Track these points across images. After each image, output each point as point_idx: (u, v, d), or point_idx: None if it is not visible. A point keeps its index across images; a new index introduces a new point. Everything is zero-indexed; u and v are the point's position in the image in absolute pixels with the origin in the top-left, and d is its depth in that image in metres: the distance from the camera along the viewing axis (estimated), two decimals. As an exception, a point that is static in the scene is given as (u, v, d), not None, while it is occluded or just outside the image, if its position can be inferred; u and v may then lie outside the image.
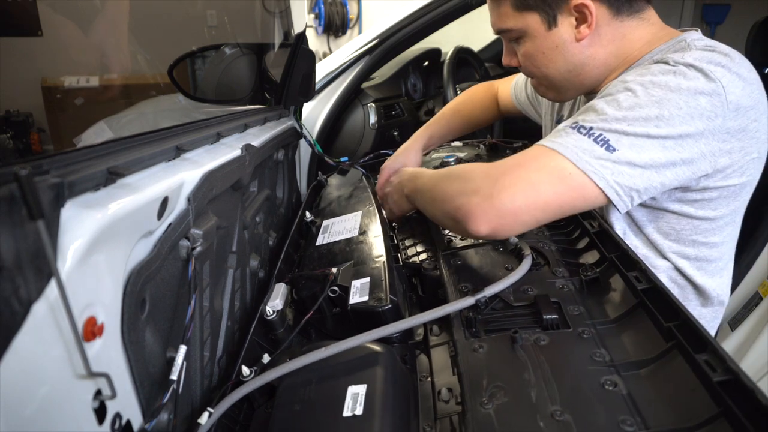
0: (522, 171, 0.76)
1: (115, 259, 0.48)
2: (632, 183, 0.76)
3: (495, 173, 0.78)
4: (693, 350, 0.53)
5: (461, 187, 0.80)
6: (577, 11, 0.87)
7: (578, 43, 0.89)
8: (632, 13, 0.89)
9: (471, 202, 0.76)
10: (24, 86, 1.47)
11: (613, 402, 0.53)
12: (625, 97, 0.77)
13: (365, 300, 0.80)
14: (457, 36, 2.31)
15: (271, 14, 1.35)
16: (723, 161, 0.80)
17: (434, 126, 1.40)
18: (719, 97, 0.75)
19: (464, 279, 0.80)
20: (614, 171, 0.75)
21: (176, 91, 1.29)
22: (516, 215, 0.75)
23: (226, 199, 0.81)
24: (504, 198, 0.75)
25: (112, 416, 0.46)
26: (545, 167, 0.76)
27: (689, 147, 0.76)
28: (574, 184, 0.75)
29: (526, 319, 0.69)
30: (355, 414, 0.58)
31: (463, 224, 0.78)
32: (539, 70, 0.96)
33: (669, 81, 0.76)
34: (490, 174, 0.78)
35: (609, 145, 0.75)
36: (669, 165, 0.76)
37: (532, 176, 0.76)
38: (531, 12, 0.89)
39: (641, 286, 0.65)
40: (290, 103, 1.38)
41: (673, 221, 0.90)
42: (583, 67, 0.92)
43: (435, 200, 0.87)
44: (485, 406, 0.55)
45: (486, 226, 0.76)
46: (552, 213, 0.77)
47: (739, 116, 0.78)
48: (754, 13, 2.04)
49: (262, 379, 0.66)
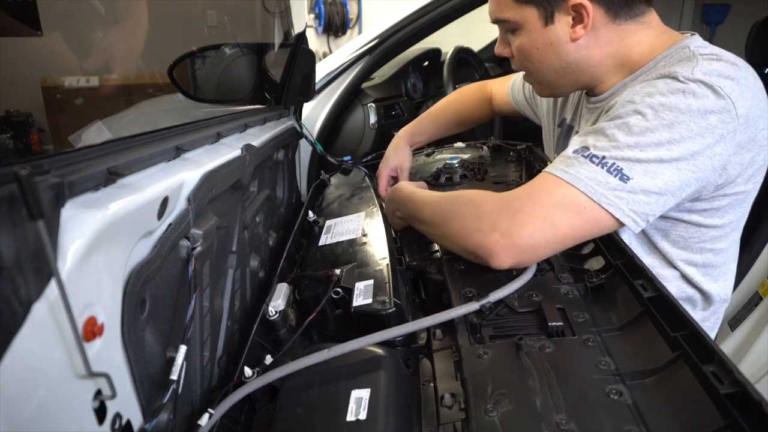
0: (537, 207, 0.76)
1: (115, 259, 0.48)
2: (648, 209, 0.76)
3: (510, 210, 0.77)
4: (700, 361, 0.52)
5: (476, 224, 0.79)
6: (574, 11, 0.86)
7: (573, 42, 0.89)
8: (631, 17, 0.88)
9: (491, 239, 0.76)
10: (24, 86, 1.47)
11: (618, 411, 0.52)
12: (635, 122, 0.77)
13: (369, 302, 0.79)
14: (457, 36, 2.32)
15: (271, 14, 1.35)
16: (734, 171, 0.81)
17: (418, 124, 1.41)
18: (729, 113, 0.76)
19: (468, 283, 0.80)
20: (629, 201, 0.75)
21: (176, 91, 1.29)
22: (535, 250, 0.76)
23: (226, 199, 0.81)
24: (523, 235, 0.75)
25: (112, 416, 0.46)
26: (560, 203, 0.76)
27: (702, 164, 0.76)
28: (589, 217, 0.75)
29: (530, 326, 0.68)
30: (358, 419, 0.58)
31: (484, 260, 0.78)
32: (532, 65, 0.96)
33: (679, 102, 0.76)
34: (505, 210, 0.78)
35: (623, 175, 0.74)
36: (683, 186, 0.76)
37: (548, 213, 0.75)
38: (530, 6, 0.89)
39: (647, 294, 0.65)
40: (290, 103, 1.38)
41: (682, 230, 0.91)
42: (577, 65, 0.92)
43: (450, 236, 0.85)
44: (490, 413, 0.55)
45: (508, 261, 0.77)
46: (569, 244, 0.78)
47: (749, 128, 0.78)
48: (754, 13, 2.05)
49: (263, 380, 0.66)
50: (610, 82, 0.94)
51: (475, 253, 0.79)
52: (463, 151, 1.42)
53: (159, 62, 1.40)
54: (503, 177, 1.20)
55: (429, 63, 2.34)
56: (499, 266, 0.77)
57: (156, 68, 1.46)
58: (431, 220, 0.90)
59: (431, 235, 0.93)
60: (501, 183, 1.16)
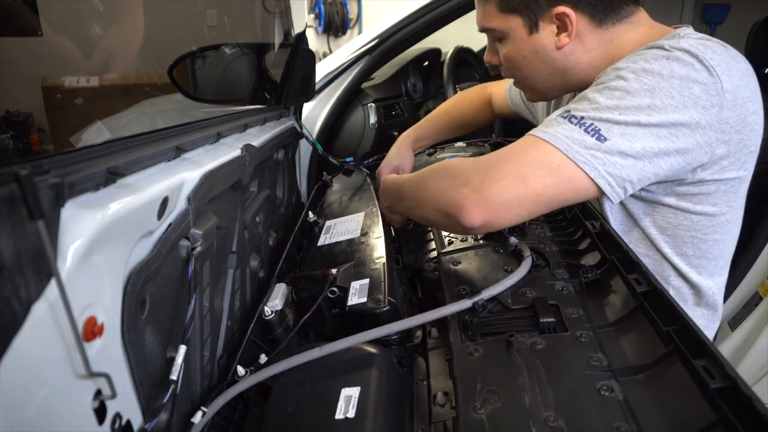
0: (511, 164, 0.76)
1: (115, 259, 0.48)
2: (624, 173, 0.75)
3: (484, 166, 0.78)
4: (691, 355, 0.52)
5: (450, 182, 0.79)
6: (558, 19, 0.86)
7: (559, 50, 0.89)
8: (619, 20, 0.87)
9: (461, 194, 0.76)
10: (24, 86, 1.47)
11: (608, 408, 0.52)
12: (616, 85, 0.76)
13: (363, 301, 0.79)
14: (457, 36, 2.31)
15: (271, 14, 1.35)
16: (720, 151, 0.79)
17: (421, 128, 1.42)
18: (714, 85, 0.74)
19: (463, 281, 0.80)
20: (605, 161, 0.74)
21: (176, 91, 1.29)
22: (507, 208, 0.75)
23: (226, 199, 0.81)
24: (494, 190, 0.74)
25: (112, 416, 0.46)
26: (534, 159, 0.75)
27: (683, 137, 0.75)
28: (563, 176, 0.75)
29: (523, 323, 0.68)
30: (347, 417, 0.58)
31: (456, 218, 0.77)
32: (520, 72, 0.96)
33: (662, 68, 0.75)
34: (479, 167, 0.78)
35: (600, 135, 0.74)
36: (662, 155, 0.75)
37: (521, 169, 0.75)
38: (514, 15, 0.89)
39: (641, 289, 0.65)
40: (290, 103, 1.38)
41: (670, 216, 0.89)
42: (565, 71, 0.92)
43: (425, 200, 0.85)
44: (478, 411, 0.55)
45: (479, 217, 0.75)
46: (544, 205, 0.77)
47: (737, 107, 0.77)
48: (754, 13, 2.05)
49: (254, 379, 0.66)
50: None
51: (447, 211, 0.78)
52: (464, 150, 1.42)
53: (159, 62, 1.40)
54: None
55: (429, 63, 2.34)
56: (470, 223, 0.75)
57: (156, 68, 1.46)
58: (409, 193, 0.91)
59: (410, 211, 0.93)
60: None
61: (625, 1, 0.86)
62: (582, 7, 0.85)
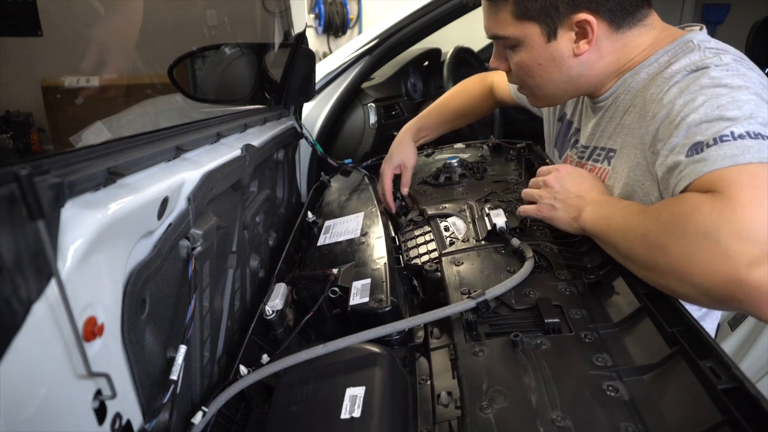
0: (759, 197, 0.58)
1: (116, 259, 0.48)
2: None
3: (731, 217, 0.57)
4: (697, 356, 0.52)
5: (704, 247, 0.58)
6: (578, 27, 0.85)
7: (576, 57, 0.88)
8: (634, 23, 0.87)
9: (738, 272, 0.55)
10: (24, 86, 1.47)
11: (614, 408, 0.52)
12: (722, 102, 0.69)
13: (365, 301, 0.79)
14: (457, 36, 2.31)
15: (271, 14, 1.35)
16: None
17: (424, 118, 1.39)
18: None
19: (466, 281, 0.80)
20: None
21: (176, 91, 1.29)
22: None
23: (226, 199, 0.81)
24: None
25: (112, 416, 0.46)
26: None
27: None
28: None
29: (527, 323, 0.69)
30: (353, 416, 0.58)
31: (743, 305, 0.56)
32: (532, 80, 0.94)
33: (728, 76, 0.73)
34: (729, 218, 0.58)
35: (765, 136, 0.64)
36: None
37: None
38: (532, 22, 0.86)
39: (645, 290, 0.65)
40: (290, 103, 1.38)
41: None
42: (579, 78, 0.91)
43: (670, 271, 0.62)
44: (485, 410, 0.55)
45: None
46: None
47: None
48: (754, 13, 2.05)
49: (255, 377, 0.66)
50: (611, 83, 0.94)
51: (723, 296, 0.57)
52: (463, 151, 1.42)
53: (159, 62, 1.40)
54: (502, 175, 1.20)
55: (429, 63, 2.34)
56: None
57: (156, 68, 1.46)
58: (638, 250, 0.67)
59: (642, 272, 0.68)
60: (500, 182, 1.16)
61: (640, 3, 0.86)
62: (602, 13, 0.84)
